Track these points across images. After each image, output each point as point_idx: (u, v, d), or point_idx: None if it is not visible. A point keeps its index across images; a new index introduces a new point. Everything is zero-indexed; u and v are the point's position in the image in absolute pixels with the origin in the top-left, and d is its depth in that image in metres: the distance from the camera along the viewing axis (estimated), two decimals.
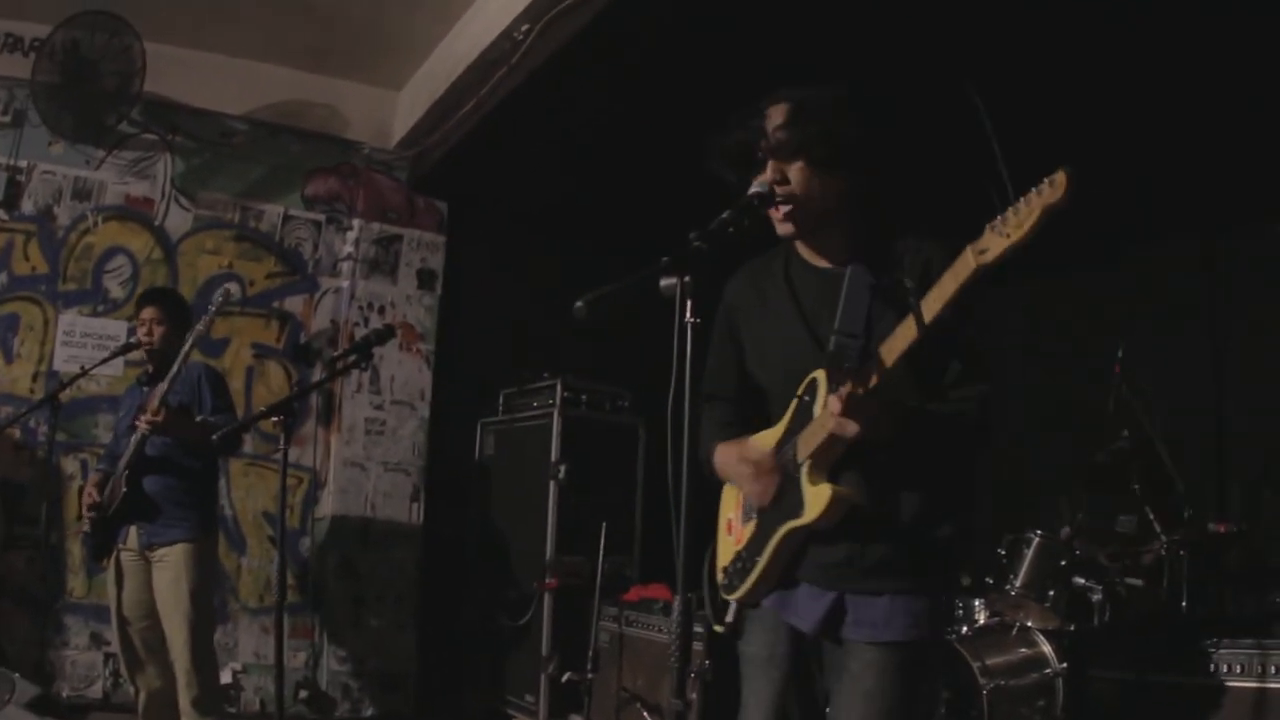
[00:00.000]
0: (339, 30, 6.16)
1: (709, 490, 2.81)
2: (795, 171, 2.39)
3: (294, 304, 6.68)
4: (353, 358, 3.63)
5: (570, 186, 6.72)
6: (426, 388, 6.95)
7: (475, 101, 5.79)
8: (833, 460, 2.36)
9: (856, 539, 2.37)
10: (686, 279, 2.14)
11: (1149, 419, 4.79)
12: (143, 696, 4.82)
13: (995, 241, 1.96)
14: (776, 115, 2.40)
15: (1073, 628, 4.72)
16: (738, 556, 2.58)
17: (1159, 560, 4.60)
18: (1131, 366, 4.85)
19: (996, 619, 4.97)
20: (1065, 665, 4.63)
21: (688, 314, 2.14)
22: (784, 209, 2.41)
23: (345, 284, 6.79)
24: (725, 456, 2.57)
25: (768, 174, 2.39)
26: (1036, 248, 1.96)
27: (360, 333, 6.60)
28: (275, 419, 3.48)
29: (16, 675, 4.26)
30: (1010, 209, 1.93)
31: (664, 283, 2.16)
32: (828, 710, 2.50)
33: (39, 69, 5.76)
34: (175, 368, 4.61)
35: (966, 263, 2.02)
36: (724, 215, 2.30)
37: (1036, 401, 6.17)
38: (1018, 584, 4.76)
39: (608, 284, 2.20)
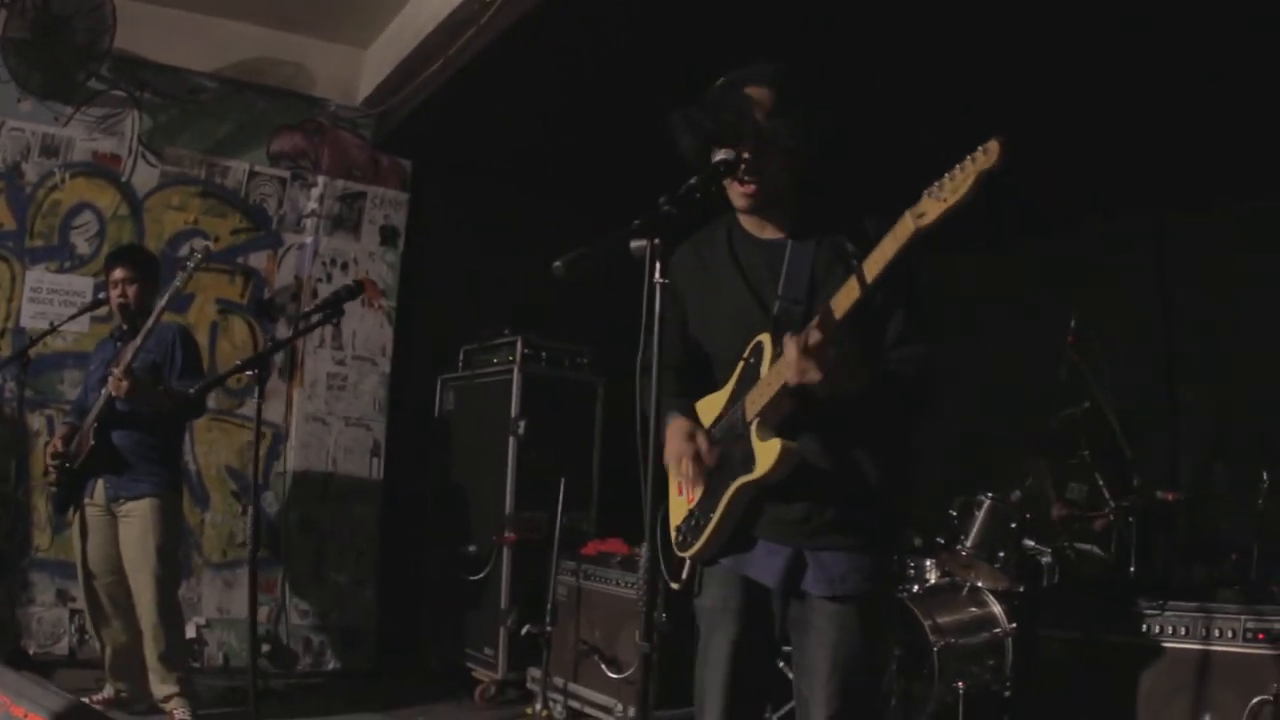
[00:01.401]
0: None
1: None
2: (773, 156, 2.47)
3: (258, 260, 6.67)
4: (323, 313, 3.66)
5: (534, 146, 6.74)
6: (388, 343, 6.97)
7: (443, 61, 5.79)
8: (780, 417, 2.46)
9: (814, 497, 2.48)
10: (656, 241, 2.20)
11: (1101, 388, 4.92)
12: (109, 651, 4.85)
13: (932, 206, 2.05)
14: (762, 99, 2.47)
15: (1022, 589, 4.86)
16: (690, 515, 2.67)
17: (1108, 526, 4.75)
18: (1084, 336, 4.97)
19: (947, 579, 5.10)
20: (1014, 625, 4.78)
21: (657, 274, 2.20)
22: (751, 186, 2.50)
23: (309, 240, 6.78)
24: (671, 432, 2.64)
25: (745, 152, 2.45)
26: (995, 217, 2.06)
27: (323, 289, 6.67)
28: (247, 373, 3.49)
29: None
30: (946, 175, 2.03)
31: (634, 245, 2.22)
32: (791, 659, 2.63)
33: (9, 25, 5.70)
34: (150, 322, 4.62)
35: (905, 226, 2.11)
36: (691, 181, 2.36)
37: (989, 367, 6.29)
38: (969, 545, 4.90)
39: (570, 243, 2.26)
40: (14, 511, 5.78)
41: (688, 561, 2.71)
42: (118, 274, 4.88)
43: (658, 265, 2.20)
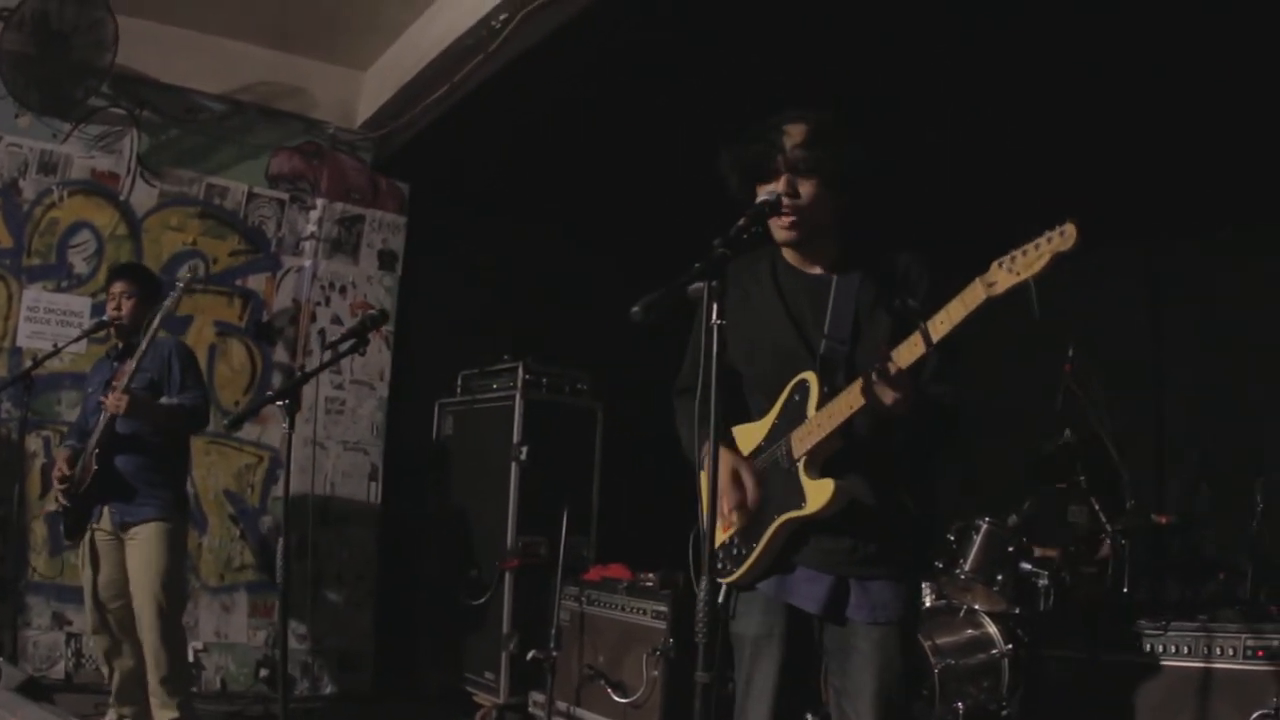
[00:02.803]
0: (307, 9, 6.16)
1: (675, 473, 3.02)
2: (806, 186, 2.57)
3: (256, 282, 6.66)
4: (352, 341, 3.70)
5: (533, 173, 6.78)
6: (386, 368, 6.98)
7: (448, 87, 5.83)
8: (825, 457, 2.57)
9: (859, 529, 2.57)
10: (713, 283, 2.27)
11: (1097, 414, 5.02)
12: (116, 677, 4.80)
13: (1003, 278, 2.16)
14: (795, 134, 2.57)
15: (1018, 611, 4.95)
16: (730, 542, 2.74)
17: (1104, 550, 4.84)
18: (1080, 364, 5.08)
19: (943, 601, 5.19)
20: (1011, 646, 4.87)
21: (714, 316, 2.27)
22: (789, 218, 2.58)
23: (307, 263, 6.79)
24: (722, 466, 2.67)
25: (780, 185, 2.56)
26: (991, 249, 2.18)
27: (322, 312, 6.69)
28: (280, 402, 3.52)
29: (2, 660, 4.24)
30: (1020, 250, 2.14)
31: (692, 287, 2.30)
32: (832, 685, 2.70)
33: (8, 40, 5.66)
34: (143, 344, 4.60)
35: (976, 294, 2.21)
36: (739, 222, 2.46)
37: (987, 395, 6.38)
38: (967, 568, 4.97)
39: (567, 270, 2.35)
40: (18, 535, 5.74)
41: (724, 587, 2.78)
42: (116, 288, 4.86)
43: (714, 307, 2.27)
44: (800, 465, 2.57)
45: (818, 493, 2.52)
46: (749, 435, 2.79)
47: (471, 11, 5.42)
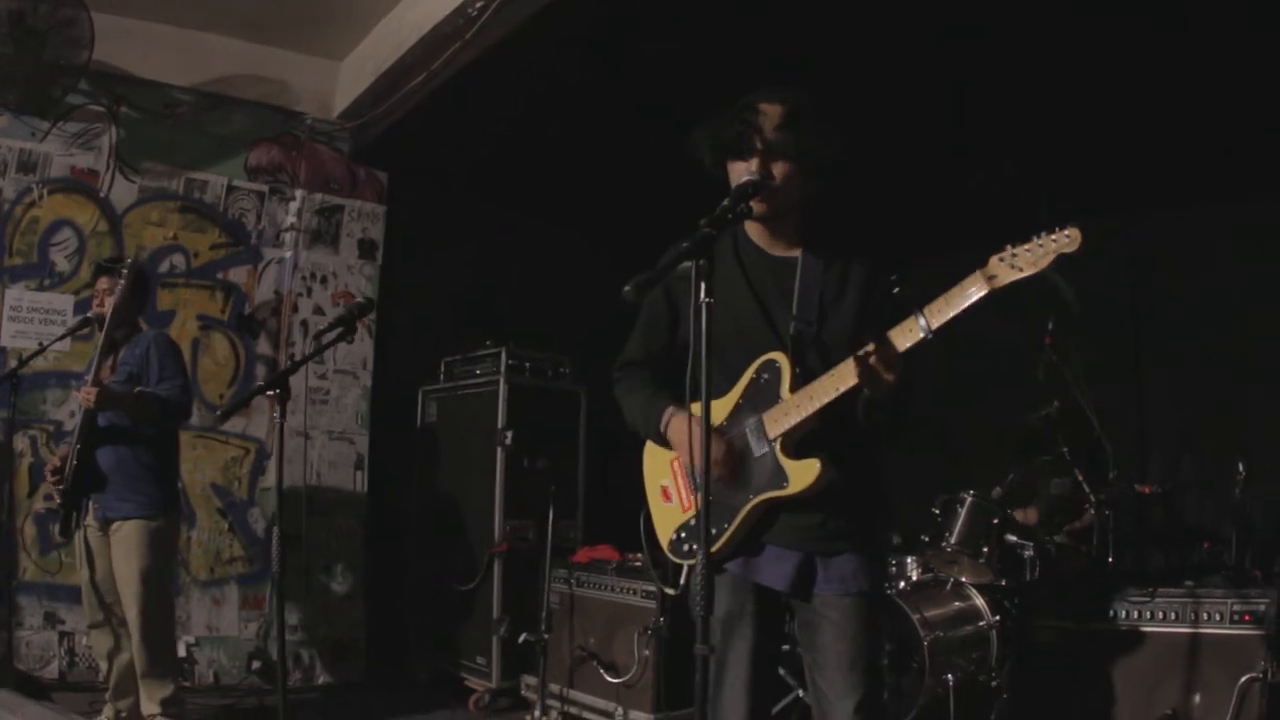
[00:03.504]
0: (282, 1, 6.14)
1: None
2: (779, 168, 2.61)
3: (238, 275, 6.65)
4: (338, 330, 3.71)
5: (512, 159, 6.80)
6: (369, 356, 6.99)
7: (425, 75, 5.82)
8: (799, 438, 2.62)
9: (828, 506, 2.63)
10: (701, 262, 2.30)
11: (1079, 386, 5.07)
12: (115, 673, 4.80)
13: (1004, 272, 2.25)
14: (772, 114, 2.61)
15: (1004, 582, 5.00)
16: (692, 523, 2.78)
17: (1088, 519, 4.90)
18: (1061, 337, 5.12)
19: (930, 574, 5.24)
20: (998, 617, 4.93)
21: (703, 294, 2.29)
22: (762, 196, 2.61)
23: (288, 254, 6.77)
24: (681, 427, 2.73)
25: (754, 165, 2.59)
26: (972, 223, 2.23)
27: (304, 303, 6.70)
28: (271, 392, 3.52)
29: None
30: (1023, 247, 2.23)
31: (680, 266, 2.32)
32: (805, 660, 2.76)
33: None
34: (100, 338, 4.61)
35: (978, 285, 2.29)
36: (724, 203, 2.48)
37: (970, 367, 6.43)
38: (952, 541, 5.01)
39: (547, 256, 2.36)
40: (9, 535, 5.71)
41: (685, 568, 2.81)
42: (101, 284, 4.85)
43: (703, 286, 2.29)
44: (777, 446, 2.61)
45: (802, 472, 2.57)
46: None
47: (448, 0, 5.40)
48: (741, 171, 2.60)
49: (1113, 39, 4.80)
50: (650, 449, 3.00)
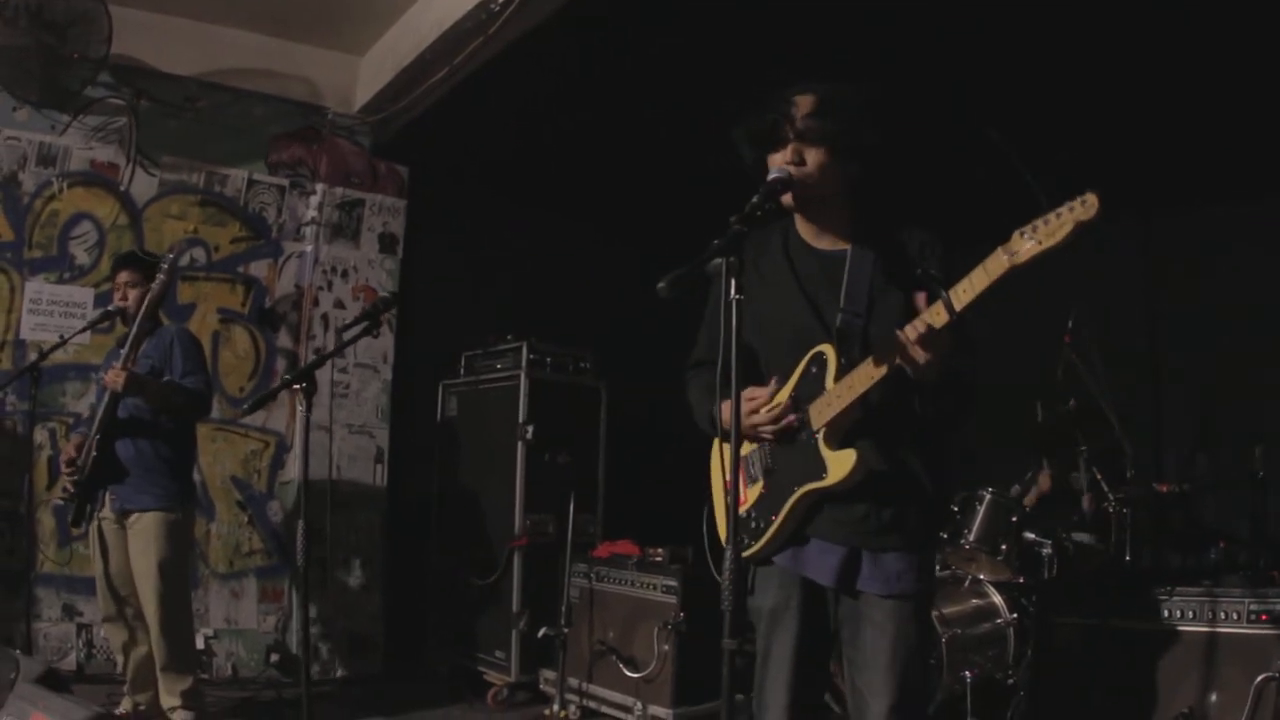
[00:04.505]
0: None
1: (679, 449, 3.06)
2: (812, 155, 2.59)
3: (259, 269, 6.67)
4: (363, 325, 3.73)
5: (532, 153, 6.80)
6: (389, 350, 7.00)
7: (447, 70, 5.83)
8: (845, 429, 2.59)
9: (873, 499, 2.60)
10: (731, 259, 2.31)
11: (1097, 384, 5.07)
12: (131, 666, 4.83)
13: (1026, 247, 2.18)
14: (804, 104, 2.60)
15: (1022, 580, 5.01)
16: (748, 515, 2.77)
17: (1106, 517, 4.90)
18: (1081, 334, 5.12)
19: (949, 572, 5.25)
20: (1016, 615, 4.93)
21: (733, 291, 2.30)
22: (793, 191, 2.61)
23: (309, 248, 6.80)
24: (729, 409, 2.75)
25: (787, 155, 2.60)
26: (991, 220, 2.21)
27: (325, 297, 6.72)
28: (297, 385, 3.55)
29: (18, 651, 4.25)
30: (1041, 219, 2.16)
31: (712, 264, 2.33)
32: (846, 656, 2.73)
33: (1, 34, 5.64)
34: (133, 329, 4.63)
35: (1000, 262, 2.23)
36: (754, 200, 2.48)
37: (988, 365, 6.42)
38: (970, 538, 5.02)
39: (566, 250, 2.37)
40: (28, 526, 5.75)
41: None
42: (121, 277, 4.87)
43: (733, 283, 2.30)
44: (820, 437, 2.60)
45: (839, 463, 2.55)
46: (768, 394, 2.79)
47: None
48: (778, 164, 2.60)
49: (1132, 33, 4.78)
50: (718, 445, 3.00)
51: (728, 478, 2.83)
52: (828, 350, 2.62)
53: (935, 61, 5.19)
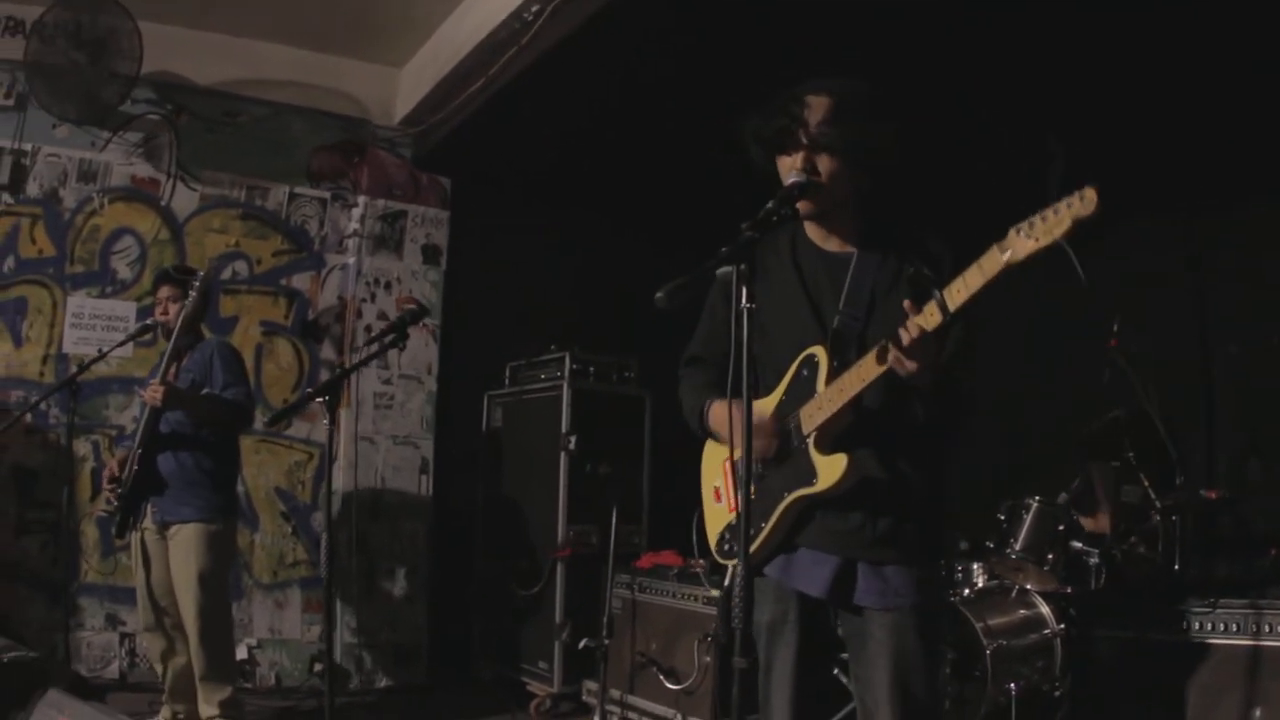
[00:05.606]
0: (340, 9, 6.20)
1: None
2: (825, 162, 2.54)
3: (301, 281, 6.73)
4: (391, 336, 3.73)
5: (573, 161, 6.80)
6: (433, 361, 7.02)
7: (484, 81, 5.84)
8: (836, 433, 2.53)
9: (868, 509, 2.54)
10: (742, 267, 2.26)
11: (1144, 390, 4.95)
12: (170, 675, 4.87)
13: (1021, 244, 2.10)
14: (818, 107, 2.54)
15: (1069, 590, 4.90)
16: (737, 524, 2.70)
17: (1154, 526, 4.79)
18: (1126, 340, 5.01)
19: (995, 581, 5.14)
20: (1063, 626, 4.82)
21: (744, 299, 2.27)
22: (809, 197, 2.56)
23: (351, 260, 6.85)
24: (721, 413, 2.70)
25: (798, 160, 2.54)
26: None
27: (368, 309, 6.76)
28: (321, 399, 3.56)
29: (49, 659, 4.30)
30: (1038, 216, 2.07)
31: (720, 270, 2.29)
32: (852, 673, 2.68)
33: (37, 53, 5.73)
34: (170, 344, 4.68)
35: (995, 261, 2.15)
36: (768, 206, 2.45)
37: (1034, 372, 6.32)
38: (1017, 548, 4.93)
39: (610, 257, 2.36)
40: (68, 538, 5.83)
41: (729, 571, 2.76)
42: (162, 292, 4.91)
43: (744, 291, 2.26)
44: (810, 441, 2.54)
45: (829, 469, 2.49)
46: (756, 409, 2.74)
47: (503, 5, 5.41)
48: (789, 168, 2.55)
49: (1176, 32, 4.68)
50: (708, 449, 2.98)
51: (717, 484, 2.84)
52: (819, 352, 2.57)
53: (979, 59, 5.11)
